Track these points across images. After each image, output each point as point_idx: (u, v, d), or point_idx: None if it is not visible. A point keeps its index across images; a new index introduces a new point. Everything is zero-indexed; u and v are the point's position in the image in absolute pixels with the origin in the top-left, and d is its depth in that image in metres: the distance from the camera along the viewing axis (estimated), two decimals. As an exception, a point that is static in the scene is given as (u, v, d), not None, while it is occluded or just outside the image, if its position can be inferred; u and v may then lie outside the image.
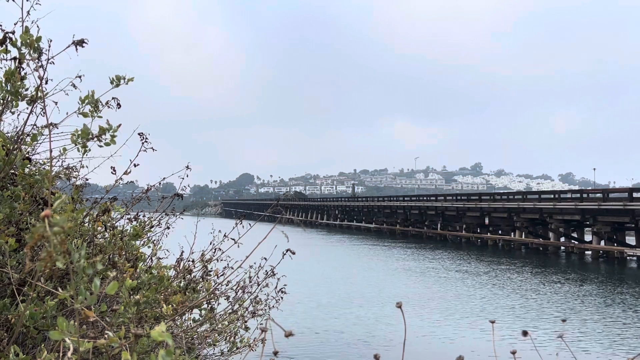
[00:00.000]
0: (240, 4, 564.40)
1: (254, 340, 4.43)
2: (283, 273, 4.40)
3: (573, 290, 21.44)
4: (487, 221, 45.52)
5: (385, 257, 33.99)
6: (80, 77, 2.77)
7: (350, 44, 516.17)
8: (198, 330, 3.89)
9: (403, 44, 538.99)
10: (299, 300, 17.26)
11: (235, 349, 4.37)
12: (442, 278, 24.59)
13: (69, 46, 2.52)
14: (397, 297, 19.17)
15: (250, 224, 3.78)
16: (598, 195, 35.46)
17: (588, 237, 36.92)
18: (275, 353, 1.55)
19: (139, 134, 3.23)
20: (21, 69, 2.39)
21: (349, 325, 15.00)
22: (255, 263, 4.23)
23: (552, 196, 40.90)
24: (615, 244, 32.88)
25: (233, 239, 3.90)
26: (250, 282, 4.38)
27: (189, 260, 4.07)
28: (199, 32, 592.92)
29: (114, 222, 3.19)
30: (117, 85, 2.73)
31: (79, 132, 2.46)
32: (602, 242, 33.64)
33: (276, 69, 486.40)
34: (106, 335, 1.49)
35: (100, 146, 2.58)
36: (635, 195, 31.83)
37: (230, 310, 4.31)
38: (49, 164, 2.68)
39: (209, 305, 3.91)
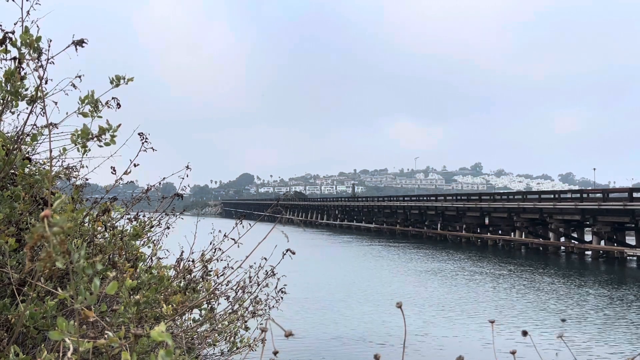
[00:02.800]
0: (245, 2, 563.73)
1: (254, 340, 4.43)
2: (283, 273, 4.40)
3: (573, 290, 21.44)
4: (487, 221, 45.52)
5: (385, 257, 33.99)
6: (80, 77, 2.77)
7: (354, 43, 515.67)
8: (198, 330, 3.88)
9: (405, 44, 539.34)
10: (300, 300, 17.27)
11: (235, 349, 4.37)
12: (442, 278, 24.59)
13: (68, 46, 2.52)
14: (397, 297, 19.17)
15: (250, 224, 3.78)
16: (598, 195, 35.47)
17: (588, 237, 36.91)
18: (275, 353, 1.55)
19: (139, 134, 3.23)
20: (21, 69, 2.39)
21: (349, 325, 15.00)
22: (255, 263, 4.23)
23: (552, 196, 40.91)
24: (615, 244, 32.88)
25: (233, 239, 3.90)
26: (250, 282, 4.38)
27: (189, 260, 4.07)
28: (202, 31, 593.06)
29: (114, 222, 3.19)
30: (117, 85, 2.73)
31: (79, 132, 2.46)
32: (602, 242, 33.63)
33: (278, 69, 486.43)
34: (106, 335, 1.49)
35: (100, 146, 2.58)
36: (635, 195, 31.83)
37: (230, 310, 4.31)
38: (49, 164, 2.68)
39: (209, 305, 3.90)
